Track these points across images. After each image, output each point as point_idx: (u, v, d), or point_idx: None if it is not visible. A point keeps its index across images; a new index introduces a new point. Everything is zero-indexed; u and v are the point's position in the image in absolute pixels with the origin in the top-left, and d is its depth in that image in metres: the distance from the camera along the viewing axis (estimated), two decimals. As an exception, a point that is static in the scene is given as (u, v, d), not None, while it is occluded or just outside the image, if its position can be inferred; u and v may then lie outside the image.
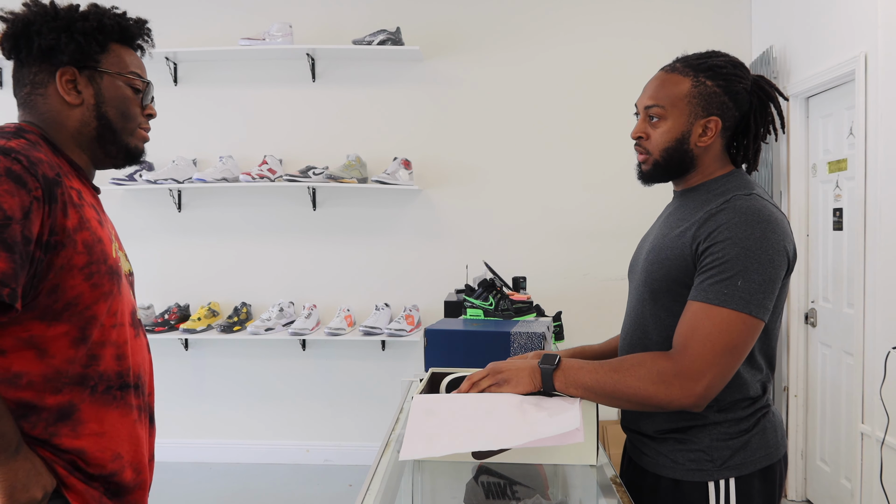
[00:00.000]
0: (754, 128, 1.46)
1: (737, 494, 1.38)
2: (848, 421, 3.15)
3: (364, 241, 4.23)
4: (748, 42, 4.09)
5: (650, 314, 1.44)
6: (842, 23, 3.13)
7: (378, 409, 4.21)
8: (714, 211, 1.34)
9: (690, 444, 1.40)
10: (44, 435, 1.22)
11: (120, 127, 1.34)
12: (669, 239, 1.42)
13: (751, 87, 1.44)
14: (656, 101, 1.43)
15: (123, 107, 1.34)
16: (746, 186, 1.39)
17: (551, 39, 4.16)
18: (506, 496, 1.45)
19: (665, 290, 1.40)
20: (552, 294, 3.99)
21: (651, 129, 1.44)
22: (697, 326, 1.28)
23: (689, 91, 1.41)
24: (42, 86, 1.30)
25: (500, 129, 4.18)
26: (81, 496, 1.25)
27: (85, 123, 1.31)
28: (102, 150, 1.35)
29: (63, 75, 1.29)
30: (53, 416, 1.22)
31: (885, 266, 2.78)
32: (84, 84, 1.30)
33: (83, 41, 1.28)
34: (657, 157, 1.44)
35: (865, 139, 2.91)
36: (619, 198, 4.07)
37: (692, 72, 1.42)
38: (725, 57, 1.44)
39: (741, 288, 1.27)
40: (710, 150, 1.44)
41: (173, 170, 4.06)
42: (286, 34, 4.04)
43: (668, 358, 1.30)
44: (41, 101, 1.30)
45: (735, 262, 1.27)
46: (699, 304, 1.29)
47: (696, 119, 1.41)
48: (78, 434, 1.25)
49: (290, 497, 3.81)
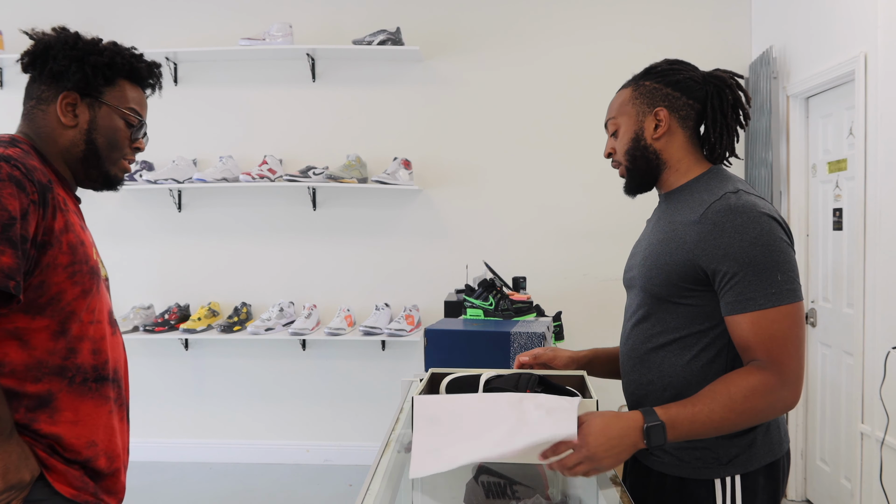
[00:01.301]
0: (710, 113, 1.49)
1: (742, 491, 1.39)
2: (848, 421, 3.15)
3: (364, 241, 4.23)
4: (748, 42, 4.09)
5: (654, 318, 1.44)
6: (842, 23, 3.13)
7: (378, 409, 4.21)
8: (708, 213, 1.35)
9: (697, 442, 1.40)
10: (24, 420, 1.31)
11: (105, 154, 1.45)
12: (665, 244, 1.42)
13: (702, 78, 1.50)
14: (610, 115, 1.55)
15: (113, 137, 1.45)
16: (730, 183, 1.40)
17: (551, 40, 4.16)
18: (506, 496, 1.45)
19: (666, 295, 1.41)
20: (552, 294, 3.99)
21: (615, 142, 1.55)
22: (773, 333, 1.29)
23: (631, 95, 1.51)
24: (45, 102, 1.42)
25: (500, 129, 4.18)
26: (63, 476, 1.34)
27: (74, 144, 1.43)
28: (84, 172, 1.46)
29: (65, 98, 1.41)
30: (33, 403, 1.32)
31: (885, 266, 2.78)
32: (83, 109, 1.42)
33: (90, 73, 1.40)
34: (625, 164, 1.53)
35: (865, 139, 2.91)
36: (620, 198, 4.04)
37: (633, 81, 1.53)
38: (663, 60, 1.54)
39: (781, 281, 1.29)
40: (672, 143, 1.48)
41: (173, 170, 4.06)
42: (286, 34, 4.04)
43: (766, 373, 1.29)
44: (40, 116, 1.42)
45: (763, 261, 1.29)
46: (756, 314, 1.30)
47: (644, 116, 1.49)
48: (55, 421, 1.33)
49: (290, 497, 3.82)
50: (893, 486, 2.67)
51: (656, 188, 1.56)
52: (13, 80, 4.24)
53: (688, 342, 1.40)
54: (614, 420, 1.26)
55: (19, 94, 1.52)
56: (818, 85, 3.35)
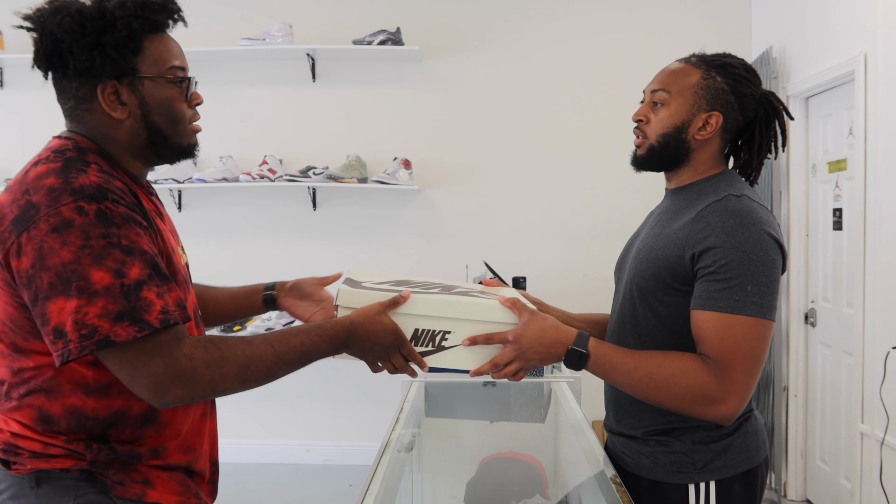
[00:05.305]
0: (758, 139, 1.46)
1: (717, 498, 1.37)
2: (848, 421, 3.15)
3: (364, 241, 4.23)
4: (748, 42, 4.09)
5: (637, 313, 1.43)
6: (841, 23, 3.13)
7: (378, 409, 4.20)
8: (705, 212, 1.34)
9: (672, 445, 1.40)
10: (131, 437, 1.22)
11: (170, 132, 1.29)
12: (660, 239, 1.41)
13: (759, 98, 1.45)
14: (663, 86, 1.44)
15: (170, 110, 1.28)
16: (737, 187, 1.39)
17: (550, 40, 4.16)
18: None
19: (652, 290, 1.39)
20: (552, 294, 3.97)
21: (653, 113, 1.45)
22: (726, 339, 1.27)
23: (698, 82, 1.42)
24: (86, 100, 1.24)
25: (501, 128, 4.18)
26: (167, 484, 1.26)
27: (135, 135, 1.27)
28: (155, 155, 1.31)
29: (105, 90, 1.23)
30: (139, 420, 1.22)
31: (885, 266, 2.78)
32: (127, 94, 1.24)
33: (117, 55, 1.21)
34: (653, 142, 1.44)
35: (865, 139, 2.91)
36: (621, 198, 4.07)
37: (704, 66, 1.43)
38: (740, 60, 1.45)
39: (751, 293, 1.26)
40: (707, 148, 1.44)
41: (173, 170, 4.06)
42: (286, 34, 4.04)
43: (708, 373, 1.27)
44: (88, 117, 1.25)
45: (739, 267, 1.27)
46: (714, 314, 1.28)
47: (699, 111, 1.41)
48: (161, 436, 1.25)
49: (290, 497, 3.82)
50: (893, 486, 2.67)
51: (666, 180, 1.52)
52: (13, 80, 4.24)
53: (668, 348, 1.38)
54: (552, 330, 1.35)
55: (19, 94, 1.45)
56: (818, 85, 3.35)
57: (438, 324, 1.36)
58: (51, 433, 1.17)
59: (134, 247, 1.12)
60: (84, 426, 1.18)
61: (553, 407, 2.12)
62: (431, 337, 1.36)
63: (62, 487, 1.17)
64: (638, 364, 1.31)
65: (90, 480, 1.19)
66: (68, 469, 1.17)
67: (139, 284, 1.10)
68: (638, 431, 1.44)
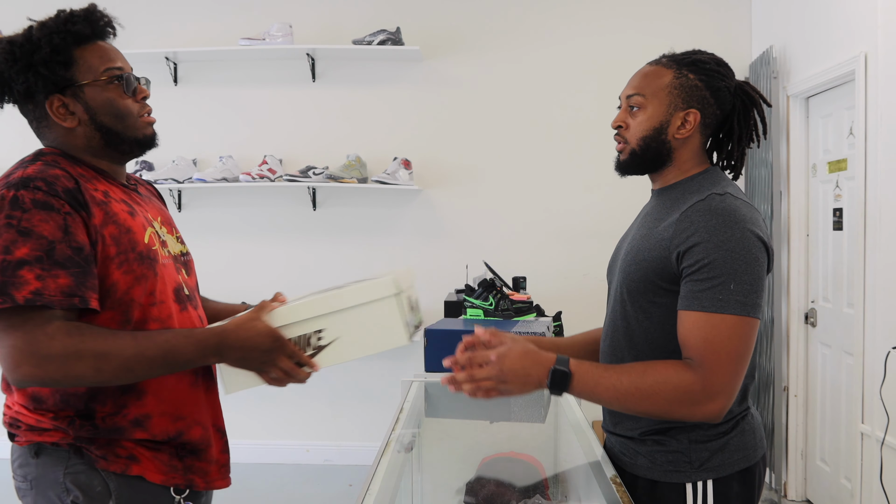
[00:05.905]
0: (738, 130, 1.47)
1: (714, 496, 1.37)
2: (848, 421, 3.15)
3: (364, 241, 4.23)
4: (748, 42, 4.09)
5: (629, 315, 1.43)
6: (841, 23, 3.13)
7: (378, 409, 4.20)
8: (689, 212, 1.34)
9: (669, 444, 1.40)
10: (114, 408, 1.32)
11: (120, 128, 1.39)
12: (647, 240, 1.41)
13: (734, 89, 1.46)
14: (638, 90, 1.45)
15: (114, 109, 1.37)
16: (720, 185, 1.39)
17: (550, 40, 4.16)
18: None
19: (642, 292, 1.39)
20: (552, 294, 3.98)
21: (631, 118, 1.46)
22: (709, 338, 1.27)
23: (671, 82, 1.43)
24: (43, 118, 1.37)
25: (500, 128, 4.18)
26: (151, 462, 1.36)
27: (90, 138, 1.37)
28: (116, 151, 1.41)
29: (52, 105, 1.34)
30: (119, 390, 1.32)
31: (885, 266, 2.78)
32: (73, 104, 1.35)
33: (48, 72, 1.31)
34: (634, 146, 1.45)
35: (865, 139, 2.91)
36: (620, 198, 4.05)
37: (675, 65, 1.45)
38: (710, 55, 1.47)
39: (735, 291, 1.27)
40: (688, 145, 1.45)
41: (173, 170, 4.06)
42: (286, 34, 4.04)
43: (691, 374, 1.28)
44: (48, 132, 1.38)
45: (722, 266, 1.27)
46: (698, 314, 1.28)
47: (676, 110, 1.42)
48: (143, 403, 1.34)
49: (290, 497, 3.82)
50: (893, 486, 2.67)
51: (651, 181, 1.53)
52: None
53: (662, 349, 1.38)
54: (533, 353, 1.34)
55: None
56: (818, 85, 3.35)
57: (307, 326, 1.39)
58: (41, 410, 1.31)
59: (33, 230, 1.22)
60: (69, 402, 1.30)
61: (553, 407, 2.12)
62: (307, 341, 1.40)
63: (56, 458, 1.31)
64: (621, 375, 1.31)
65: (78, 454, 1.32)
66: (57, 443, 1.31)
67: (20, 263, 1.20)
68: (635, 432, 1.44)
